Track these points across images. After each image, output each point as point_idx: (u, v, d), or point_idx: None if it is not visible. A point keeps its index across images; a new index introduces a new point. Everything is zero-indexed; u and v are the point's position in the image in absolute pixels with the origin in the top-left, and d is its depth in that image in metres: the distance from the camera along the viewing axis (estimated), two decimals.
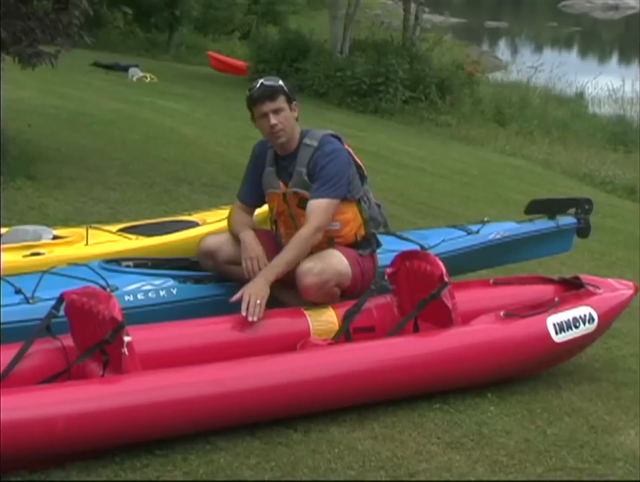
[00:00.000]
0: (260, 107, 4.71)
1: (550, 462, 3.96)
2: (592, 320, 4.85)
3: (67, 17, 7.96)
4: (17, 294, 4.35)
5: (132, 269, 4.81)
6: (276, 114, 4.69)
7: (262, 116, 4.72)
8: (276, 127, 4.69)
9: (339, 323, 4.58)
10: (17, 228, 5.48)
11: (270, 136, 4.77)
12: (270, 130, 4.72)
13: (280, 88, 4.76)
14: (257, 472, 3.65)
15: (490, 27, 47.71)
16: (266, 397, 3.97)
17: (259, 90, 4.73)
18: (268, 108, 4.69)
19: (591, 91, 23.97)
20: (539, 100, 22.34)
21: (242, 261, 4.70)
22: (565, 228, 6.13)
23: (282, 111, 4.72)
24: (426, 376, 4.41)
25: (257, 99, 4.73)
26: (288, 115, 4.74)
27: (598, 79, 23.98)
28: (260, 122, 4.76)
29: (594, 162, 16.57)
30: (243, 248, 4.74)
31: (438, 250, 5.39)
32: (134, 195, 8.23)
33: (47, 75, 9.54)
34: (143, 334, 4.03)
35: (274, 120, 4.69)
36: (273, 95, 4.71)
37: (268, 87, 4.74)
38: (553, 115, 20.84)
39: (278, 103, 4.71)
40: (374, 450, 3.91)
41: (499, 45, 42.04)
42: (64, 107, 12.72)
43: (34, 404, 3.55)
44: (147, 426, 3.70)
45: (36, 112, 11.36)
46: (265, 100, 4.70)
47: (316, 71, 19.92)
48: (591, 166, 16.06)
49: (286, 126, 4.72)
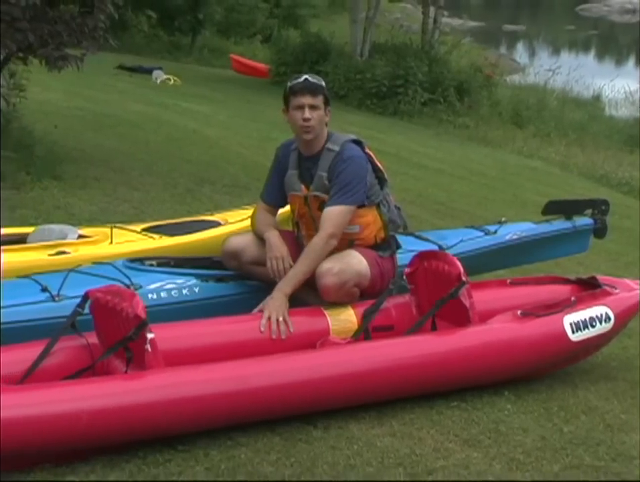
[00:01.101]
0: (300, 98, 4.71)
1: (567, 460, 3.95)
2: (608, 320, 4.84)
3: (93, 21, 8.00)
4: (43, 292, 4.38)
5: (155, 268, 4.83)
6: (312, 110, 4.70)
7: (299, 107, 4.71)
8: (308, 121, 4.69)
9: (358, 322, 4.58)
10: (43, 227, 5.50)
11: (299, 129, 4.75)
12: (302, 122, 4.71)
13: (322, 88, 4.77)
14: (277, 468, 3.66)
15: (508, 30, 47.55)
16: (286, 394, 3.97)
17: (303, 82, 4.74)
18: (307, 101, 4.70)
19: (608, 93, 23.88)
20: (556, 103, 22.23)
21: (267, 261, 4.70)
22: (582, 229, 6.11)
23: (318, 109, 4.72)
24: (443, 374, 4.40)
25: (299, 90, 4.72)
26: (322, 115, 4.75)
27: (615, 82, 23.87)
28: (294, 114, 4.74)
29: (611, 164, 16.50)
30: (268, 248, 4.74)
31: (456, 250, 5.39)
32: (157, 195, 8.25)
33: (73, 78, 9.58)
34: (166, 331, 4.05)
35: (309, 114, 4.69)
36: (315, 91, 4.73)
37: (312, 83, 4.75)
38: (570, 117, 20.75)
39: (317, 100, 4.72)
40: (393, 447, 3.91)
41: (516, 48, 41.88)
42: (90, 109, 12.77)
43: (59, 399, 3.57)
44: (170, 422, 3.71)
45: (62, 113, 11.41)
46: (306, 93, 4.71)
47: (336, 74, 19.90)
48: (608, 168, 15.99)
49: (317, 125, 4.72)
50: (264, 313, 4.42)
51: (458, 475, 3.71)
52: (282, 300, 4.48)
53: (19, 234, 5.43)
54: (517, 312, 4.69)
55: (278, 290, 4.54)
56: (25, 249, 5.15)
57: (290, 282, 4.58)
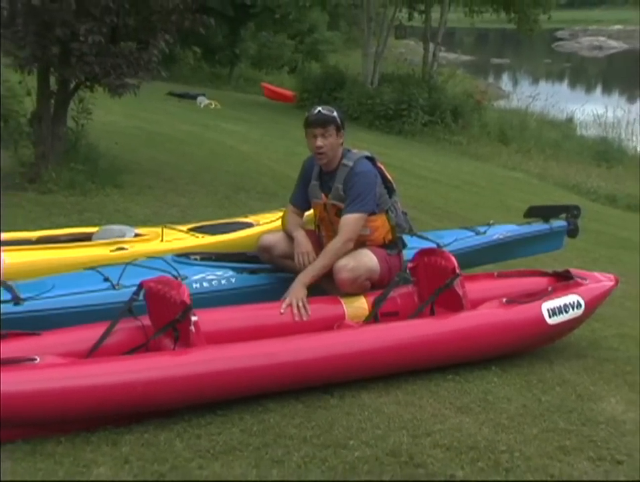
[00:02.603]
0: (312, 130, 4.70)
1: (544, 425, 3.93)
2: (579, 306, 4.82)
3: (148, 55, 8.02)
4: (105, 282, 4.40)
5: (198, 262, 4.83)
6: (323, 138, 4.67)
7: (312, 136, 4.71)
8: (320, 149, 4.69)
9: (369, 308, 4.57)
10: (105, 227, 5.52)
11: (314, 154, 4.77)
12: (315, 150, 4.71)
13: (333, 119, 4.72)
14: (300, 430, 3.65)
15: (495, 63, 47.45)
16: (308, 367, 3.97)
17: (315, 115, 4.71)
18: (318, 132, 4.68)
19: (579, 116, 23.77)
20: (535, 124, 22.18)
21: (295, 255, 4.71)
22: (557, 230, 6.10)
23: (328, 137, 4.69)
24: (440, 352, 4.39)
25: (311, 123, 4.71)
26: (334, 141, 4.71)
27: (585, 107, 23.78)
28: (309, 141, 4.75)
29: (581, 175, 16.48)
30: (296, 244, 4.75)
31: (451, 247, 5.36)
32: (200, 200, 8.27)
33: (131, 103, 9.60)
34: (207, 315, 4.05)
35: (320, 142, 4.67)
36: (325, 123, 4.69)
37: (324, 115, 4.71)
38: (547, 136, 20.69)
39: (327, 131, 4.68)
40: (397, 413, 3.90)
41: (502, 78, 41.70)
42: (144, 128, 12.83)
43: (119, 371, 3.58)
44: (210, 391, 3.72)
45: (122, 132, 11.46)
46: (318, 125, 4.69)
47: (350, 99, 19.91)
48: (579, 179, 15.97)
49: (328, 150, 4.70)
50: (285, 299, 4.43)
51: (452, 437, 3.69)
52: (301, 289, 4.48)
53: (85, 233, 5.46)
54: (502, 300, 4.68)
55: (299, 280, 4.53)
56: (91, 245, 5.17)
57: (309, 274, 4.57)
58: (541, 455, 3.61)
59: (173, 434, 3.52)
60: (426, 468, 3.41)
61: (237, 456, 3.39)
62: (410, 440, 3.64)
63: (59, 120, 8.27)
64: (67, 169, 8.08)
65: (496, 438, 3.73)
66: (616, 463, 3.62)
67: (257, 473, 3.27)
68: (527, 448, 3.66)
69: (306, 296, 4.46)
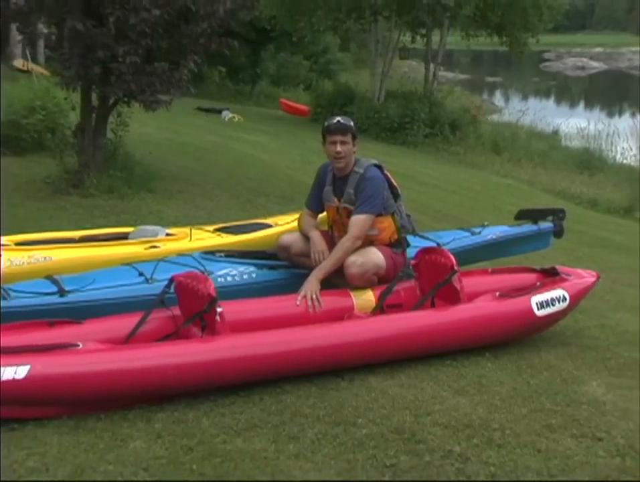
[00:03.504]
0: (333, 136, 4.69)
1: (532, 405, 3.91)
2: (564, 300, 4.79)
3: (179, 74, 8.02)
4: (139, 276, 4.41)
5: (223, 258, 4.82)
6: (342, 144, 4.68)
7: (332, 143, 4.70)
8: (339, 154, 4.68)
9: (376, 300, 4.56)
10: (140, 228, 5.53)
11: (333, 158, 4.75)
12: (335, 154, 4.70)
13: (350, 128, 4.73)
14: (314, 409, 3.65)
15: (489, 81, 47.27)
16: (321, 353, 3.97)
17: (335, 124, 4.71)
18: (338, 139, 4.67)
19: (564, 129, 23.58)
20: (525, 136, 22.03)
21: (311, 253, 4.70)
22: (544, 231, 6.06)
23: (347, 144, 4.69)
24: (440, 340, 4.38)
25: (332, 130, 4.71)
26: (350, 148, 4.72)
27: (569, 121, 23.61)
28: (329, 147, 4.73)
29: (566, 182, 16.39)
30: (312, 244, 4.73)
31: (450, 246, 5.34)
32: (225, 204, 8.27)
33: (163, 116, 9.62)
34: (231, 306, 4.04)
35: (340, 148, 4.67)
36: (344, 131, 4.69)
37: (343, 124, 4.72)
38: (535, 147, 20.57)
39: (346, 138, 4.68)
40: (401, 395, 3.89)
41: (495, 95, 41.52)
42: (175, 139, 12.84)
43: (152, 356, 3.59)
44: (233, 374, 3.72)
45: (155, 143, 11.47)
46: (338, 132, 4.68)
47: (359, 113, 19.82)
48: (564, 185, 15.88)
49: (346, 155, 4.70)
50: (301, 292, 4.42)
51: (450, 416, 3.69)
52: (315, 283, 4.47)
53: (122, 233, 5.46)
54: (495, 294, 4.66)
55: (313, 275, 4.53)
56: (127, 244, 5.18)
57: (323, 270, 4.56)
58: (530, 432, 3.60)
59: (200, 413, 3.53)
60: (426, 444, 3.40)
61: (257, 433, 3.39)
62: (412, 419, 3.63)
63: (100, 132, 8.30)
64: (106, 175, 8.09)
65: (489, 417, 3.72)
66: (596, 440, 3.60)
67: (275, 448, 3.27)
68: (517, 426, 3.65)
69: (319, 289, 4.45)
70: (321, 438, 3.39)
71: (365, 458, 3.25)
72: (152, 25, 7.53)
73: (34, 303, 4.01)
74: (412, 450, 3.35)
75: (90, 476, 2.99)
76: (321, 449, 3.30)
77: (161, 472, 3.05)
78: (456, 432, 3.54)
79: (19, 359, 3.27)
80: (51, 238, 5.17)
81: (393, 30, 20.94)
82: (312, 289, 4.42)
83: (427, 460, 3.28)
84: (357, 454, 3.28)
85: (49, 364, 3.32)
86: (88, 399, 3.40)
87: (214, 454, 3.19)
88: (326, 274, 4.56)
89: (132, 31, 7.51)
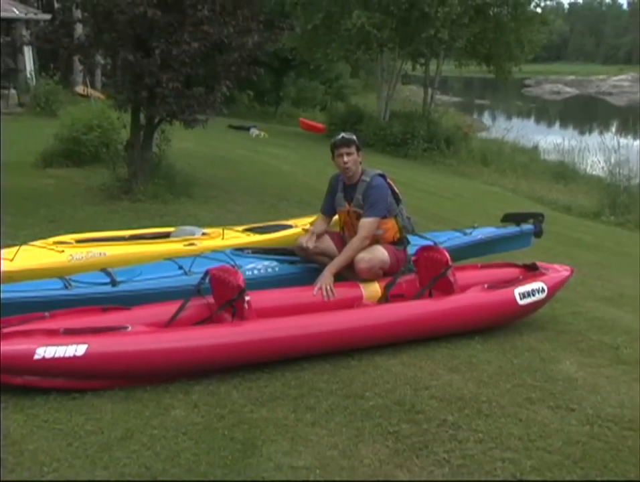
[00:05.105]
0: (339, 150, 4.68)
1: (515, 381, 3.89)
2: (543, 291, 4.75)
3: (214, 97, 8.03)
4: (179, 270, 4.41)
5: (251, 254, 4.83)
6: (348, 155, 4.66)
7: (339, 155, 4.69)
8: (346, 164, 4.67)
9: (382, 291, 4.55)
10: (180, 228, 5.55)
11: (341, 170, 4.74)
12: (342, 165, 4.69)
13: (353, 141, 4.71)
14: (328, 384, 3.65)
15: (478, 103, 47.05)
16: (334, 336, 3.96)
17: (341, 139, 4.71)
18: (344, 151, 4.66)
19: (542, 145, 23.38)
20: (509, 150, 21.94)
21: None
22: (526, 232, 6.01)
23: (352, 154, 4.67)
24: (436, 325, 4.36)
25: (338, 145, 4.70)
26: (355, 158, 4.70)
27: (547, 138, 23.51)
28: (337, 159, 4.72)
29: (545, 190, 16.29)
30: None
31: (445, 245, 5.31)
32: (252, 208, 8.26)
33: (200, 133, 9.62)
34: (258, 296, 4.04)
35: (346, 158, 4.66)
36: (348, 144, 4.68)
37: (346, 138, 4.71)
38: (518, 160, 20.46)
39: (350, 149, 4.67)
40: (402, 372, 3.88)
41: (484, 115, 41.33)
42: (210, 153, 12.85)
43: (190, 338, 3.59)
44: (259, 354, 3.72)
45: (193, 155, 11.50)
46: (343, 146, 4.68)
47: (367, 130, 19.78)
48: (542, 192, 15.78)
49: (352, 165, 4.69)
50: (317, 284, 4.41)
51: (445, 390, 3.67)
52: (329, 276, 4.46)
53: (165, 232, 5.48)
54: (484, 286, 4.62)
55: (327, 269, 4.51)
56: (169, 242, 5.19)
57: (335, 265, 4.55)
58: (513, 404, 3.59)
59: (231, 386, 3.53)
60: (424, 414, 3.39)
61: (279, 404, 3.39)
62: (412, 393, 3.62)
63: (147, 147, 8.32)
64: (152, 183, 8.11)
65: (478, 391, 3.70)
66: (569, 410, 3.59)
67: (295, 416, 3.27)
68: (502, 399, 3.63)
69: (332, 282, 4.44)
70: (334, 408, 3.38)
71: (371, 426, 3.25)
72: (191, 55, 7.54)
73: (91, 292, 4.03)
74: (412, 419, 3.34)
75: (138, 438, 3.00)
76: (333, 418, 3.29)
77: (197, 436, 3.05)
78: (449, 404, 3.52)
79: (79, 339, 3.28)
80: (105, 237, 5.19)
81: (396, 60, 20.88)
82: (326, 281, 4.41)
83: (425, 427, 3.27)
84: (365, 423, 3.27)
85: (104, 343, 3.34)
86: (136, 373, 3.41)
87: (243, 421, 3.19)
88: (338, 269, 4.54)
89: (174, 61, 7.53)
